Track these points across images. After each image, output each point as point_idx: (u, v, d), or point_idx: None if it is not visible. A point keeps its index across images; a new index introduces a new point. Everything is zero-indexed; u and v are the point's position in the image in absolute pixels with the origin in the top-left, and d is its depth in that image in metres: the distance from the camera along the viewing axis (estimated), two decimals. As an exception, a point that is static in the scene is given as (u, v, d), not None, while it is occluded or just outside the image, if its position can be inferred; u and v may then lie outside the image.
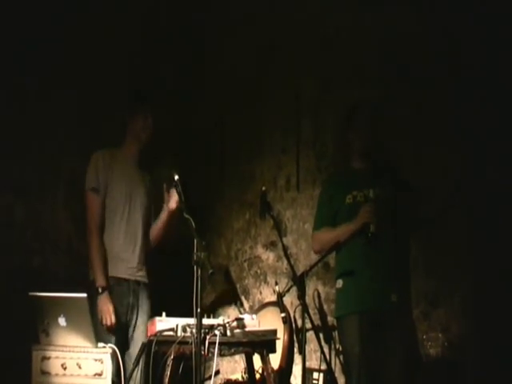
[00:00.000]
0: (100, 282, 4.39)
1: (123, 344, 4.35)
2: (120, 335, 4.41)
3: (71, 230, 5.23)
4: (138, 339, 4.44)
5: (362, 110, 4.43)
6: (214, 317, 4.10)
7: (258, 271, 5.55)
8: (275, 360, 4.56)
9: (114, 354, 3.81)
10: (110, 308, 4.36)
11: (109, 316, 4.35)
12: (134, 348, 4.39)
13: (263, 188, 4.42)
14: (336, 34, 5.14)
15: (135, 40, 5.67)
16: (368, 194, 4.26)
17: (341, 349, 4.56)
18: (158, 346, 3.89)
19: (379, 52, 4.90)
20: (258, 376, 4.46)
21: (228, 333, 3.93)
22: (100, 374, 3.77)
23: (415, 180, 4.51)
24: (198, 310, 3.67)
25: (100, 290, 4.37)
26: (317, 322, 4.89)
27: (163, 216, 4.56)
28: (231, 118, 5.80)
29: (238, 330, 4.00)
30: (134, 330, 4.49)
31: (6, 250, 4.98)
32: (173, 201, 4.41)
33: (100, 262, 4.43)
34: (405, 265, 4.33)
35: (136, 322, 4.50)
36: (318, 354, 4.61)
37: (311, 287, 5.02)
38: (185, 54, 5.94)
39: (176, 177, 4.13)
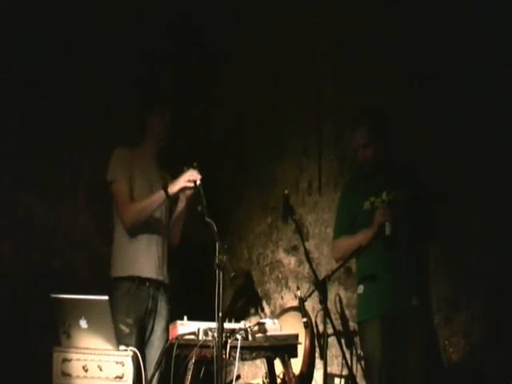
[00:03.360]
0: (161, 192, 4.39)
1: (139, 347, 4.34)
2: (138, 338, 4.40)
3: (92, 230, 5.24)
4: (153, 343, 4.46)
5: (360, 121, 4.40)
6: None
7: (280, 276, 5.51)
8: (296, 365, 4.54)
9: (135, 357, 3.79)
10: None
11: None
12: (150, 351, 4.42)
13: (286, 191, 4.41)
14: (357, 34, 5.09)
15: (156, 42, 5.67)
16: (383, 196, 4.24)
17: (362, 354, 4.53)
18: (179, 350, 3.87)
19: (400, 54, 4.86)
20: (279, 381, 4.45)
21: (250, 337, 3.91)
22: (121, 377, 3.76)
23: (434, 182, 4.48)
24: (220, 314, 3.65)
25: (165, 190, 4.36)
26: (338, 327, 4.86)
27: (180, 205, 4.60)
28: (251, 121, 5.78)
29: (259, 335, 3.98)
30: (150, 334, 4.49)
31: (26, 251, 4.99)
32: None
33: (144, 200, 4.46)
34: (424, 268, 4.33)
35: (153, 327, 4.50)
36: (340, 359, 4.58)
37: (333, 292, 4.98)
38: (205, 55, 5.93)
39: (198, 180, 4.13)
